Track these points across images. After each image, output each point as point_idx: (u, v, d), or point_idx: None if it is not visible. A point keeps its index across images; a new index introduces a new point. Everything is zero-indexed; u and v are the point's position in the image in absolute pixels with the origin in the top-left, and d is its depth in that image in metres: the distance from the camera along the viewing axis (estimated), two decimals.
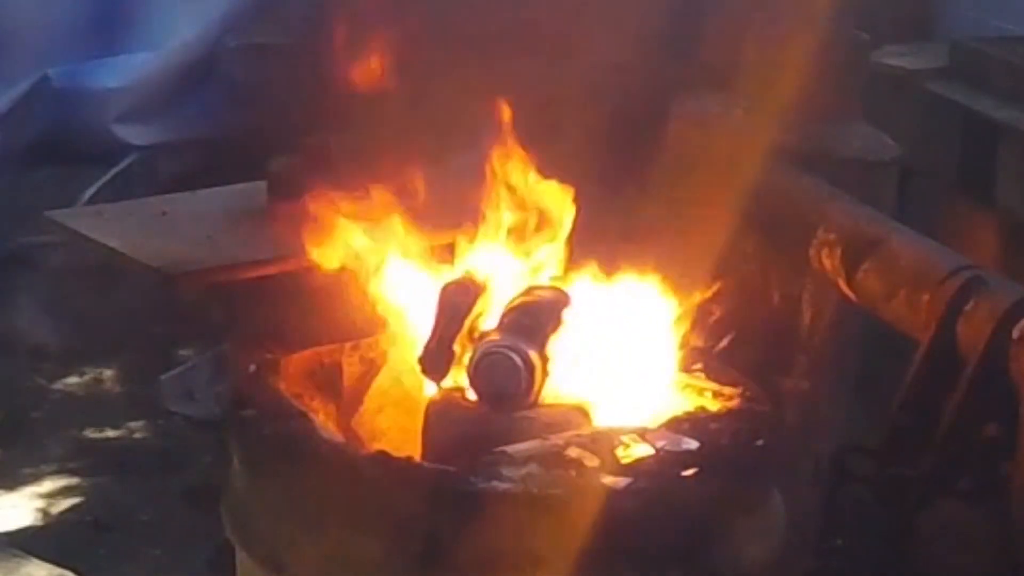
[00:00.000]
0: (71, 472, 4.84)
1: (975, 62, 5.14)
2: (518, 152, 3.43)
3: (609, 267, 3.38)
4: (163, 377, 5.13)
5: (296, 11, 5.60)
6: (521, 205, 3.43)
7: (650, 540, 2.93)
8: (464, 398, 3.18)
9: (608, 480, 2.93)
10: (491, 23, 4.77)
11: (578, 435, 3.04)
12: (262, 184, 4.48)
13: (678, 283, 3.36)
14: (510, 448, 2.98)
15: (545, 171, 3.49)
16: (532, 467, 2.94)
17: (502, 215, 3.43)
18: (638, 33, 4.68)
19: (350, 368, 3.41)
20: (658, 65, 4.52)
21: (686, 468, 2.98)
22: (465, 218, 3.48)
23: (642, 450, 3.01)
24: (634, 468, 2.96)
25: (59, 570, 4.33)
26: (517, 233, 3.43)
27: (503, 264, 3.39)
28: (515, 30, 4.69)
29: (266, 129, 4.82)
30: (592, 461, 2.96)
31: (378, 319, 3.40)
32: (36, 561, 4.36)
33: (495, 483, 2.91)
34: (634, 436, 3.03)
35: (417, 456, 3.12)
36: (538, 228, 3.43)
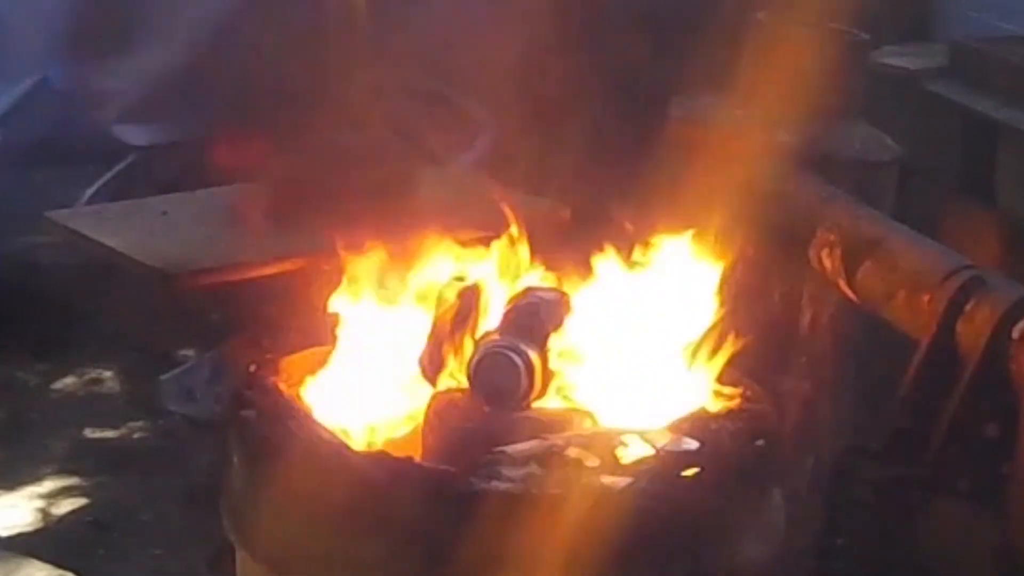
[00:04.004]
0: (71, 472, 4.83)
1: (975, 62, 5.14)
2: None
3: (609, 267, 3.37)
4: (163, 377, 5.13)
5: (295, 12, 5.60)
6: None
7: (650, 540, 2.93)
8: (464, 398, 3.18)
9: (608, 480, 2.93)
10: (493, 24, 4.78)
11: (578, 435, 3.04)
12: (262, 184, 4.48)
13: (678, 283, 3.36)
14: (510, 448, 2.98)
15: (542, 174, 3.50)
16: (532, 467, 2.95)
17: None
18: (637, 33, 4.68)
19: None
20: (658, 65, 4.52)
21: (686, 468, 2.98)
22: (465, 219, 3.48)
23: (642, 450, 3.01)
24: (634, 468, 2.96)
25: (59, 571, 4.33)
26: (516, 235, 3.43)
27: (502, 265, 3.39)
28: (516, 31, 4.69)
29: (265, 129, 4.82)
30: (592, 461, 2.97)
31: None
32: (36, 562, 4.36)
33: (495, 483, 2.91)
34: (634, 436, 3.03)
35: (417, 456, 3.12)
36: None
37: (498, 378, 3.14)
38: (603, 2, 4.89)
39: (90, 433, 5.08)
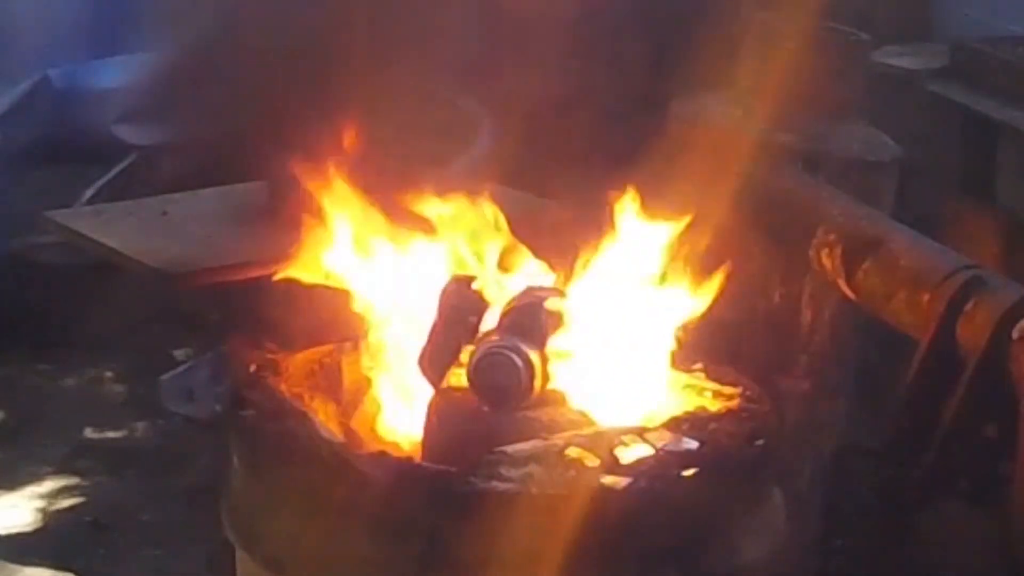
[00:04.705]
0: (71, 472, 4.83)
1: (975, 62, 5.15)
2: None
3: (608, 267, 3.38)
4: (163, 377, 5.12)
5: (295, 12, 5.60)
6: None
7: (650, 540, 2.93)
8: (464, 398, 3.18)
9: (608, 480, 2.93)
10: (492, 23, 4.78)
11: (578, 435, 3.04)
12: (262, 184, 4.48)
13: (678, 282, 3.36)
14: (510, 448, 2.99)
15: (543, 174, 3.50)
16: (532, 467, 2.95)
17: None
18: (637, 33, 4.68)
19: (350, 368, 3.41)
20: (657, 66, 4.52)
21: (686, 468, 2.98)
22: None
23: (642, 450, 3.01)
24: (634, 468, 2.96)
25: (59, 571, 4.33)
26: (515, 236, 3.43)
27: (502, 265, 3.40)
28: (514, 30, 4.69)
29: (265, 129, 4.82)
30: (592, 461, 2.97)
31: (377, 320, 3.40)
32: (36, 562, 4.36)
33: (495, 483, 2.91)
34: (634, 436, 3.03)
35: (417, 456, 3.12)
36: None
37: (498, 378, 3.14)
38: (603, 2, 4.89)
39: (90, 433, 5.09)
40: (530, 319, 3.21)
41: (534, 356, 3.15)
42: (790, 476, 3.34)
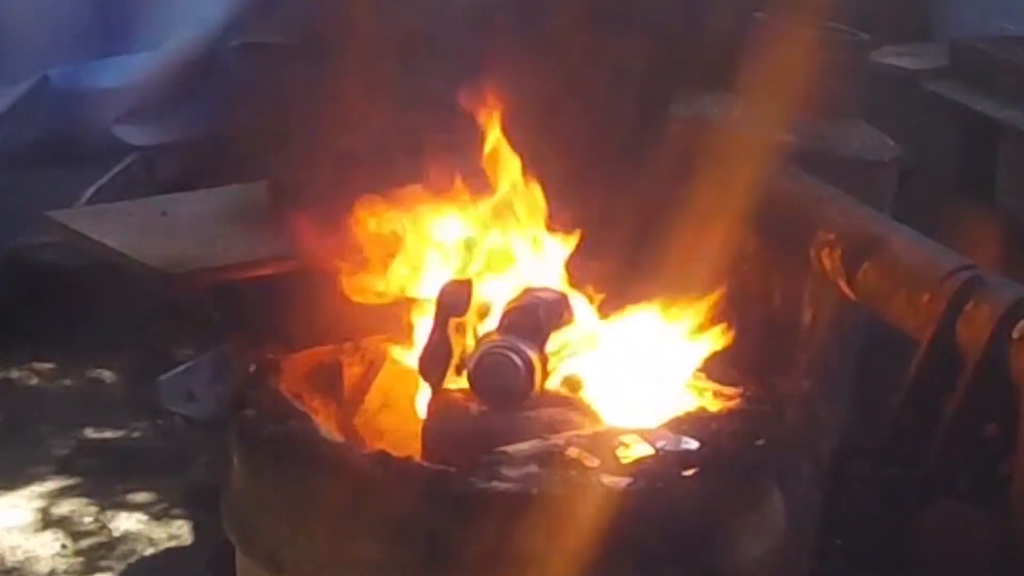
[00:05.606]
0: (71, 472, 4.84)
1: (975, 62, 5.15)
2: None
3: (608, 268, 3.38)
4: (163, 377, 5.13)
5: (296, 11, 5.60)
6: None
7: (650, 540, 2.93)
8: (464, 398, 3.18)
9: (608, 480, 2.93)
10: (489, 23, 4.78)
11: (578, 435, 3.04)
12: (262, 184, 4.49)
13: (678, 284, 3.36)
14: (510, 448, 2.99)
15: (541, 175, 3.50)
16: (532, 467, 2.95)
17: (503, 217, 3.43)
18: (636, 33, 4.68)
19: (350, 368, 3.41)
20: (657, 65, 4.52)
21: (686, 468, 2.98)
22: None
23: (642, 450, 3.01)
24: (634, 468, 2.96)
25: (59, 571, 4.33)
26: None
27: (502, 265, 3.40)
28: (512, 30, 4.69)
29: (266, 129, 4.82)
30: (592, 461, 2.97)
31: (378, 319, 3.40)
32: (36, 562, 4.36)
33: (495, 483, 2.91)
34: (634, 436, 3.03)
35: (417, 456, 3.12)
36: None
37: (498, 378, 3.14)
38: (602, 1, 4.89)
39: (90, 433, 5.09)
40: (530, 319, 3.21)
41: (534, 356, 3.15)
42: (790, 476, 3.33)
